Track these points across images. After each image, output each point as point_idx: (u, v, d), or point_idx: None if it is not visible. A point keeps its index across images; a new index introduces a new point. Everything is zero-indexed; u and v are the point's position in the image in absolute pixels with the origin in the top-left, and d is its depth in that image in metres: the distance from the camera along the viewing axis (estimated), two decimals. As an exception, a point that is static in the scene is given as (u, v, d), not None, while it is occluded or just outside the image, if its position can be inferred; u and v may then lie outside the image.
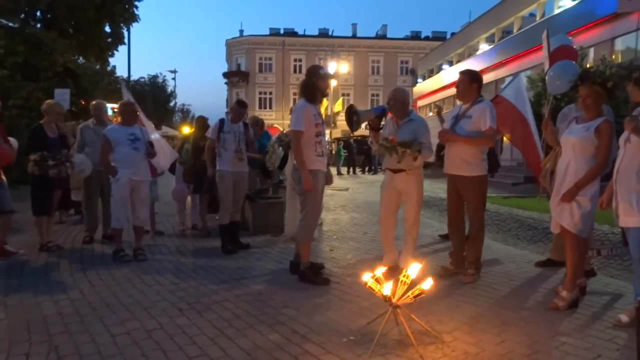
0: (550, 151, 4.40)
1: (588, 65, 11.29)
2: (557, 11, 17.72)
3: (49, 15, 15.61)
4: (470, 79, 4.40)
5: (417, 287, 2.99)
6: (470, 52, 26.29)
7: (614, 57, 13.07)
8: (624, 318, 3.27)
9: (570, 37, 5.04)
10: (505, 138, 6.16)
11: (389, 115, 4.64)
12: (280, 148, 6.73)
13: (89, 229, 6.20)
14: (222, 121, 5.75)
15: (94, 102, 6.59)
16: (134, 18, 17.97)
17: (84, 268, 4.89)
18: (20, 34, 13.47)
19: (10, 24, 13.48)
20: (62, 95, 6.57)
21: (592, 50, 13.91)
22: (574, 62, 4.56)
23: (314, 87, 4.38)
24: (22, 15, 14.66)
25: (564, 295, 3.63)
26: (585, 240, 3.68)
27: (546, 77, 4.67)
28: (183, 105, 58.22)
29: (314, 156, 4.35)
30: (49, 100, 5.97)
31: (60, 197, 5.94)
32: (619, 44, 14.17)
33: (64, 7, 15.04)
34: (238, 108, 5.91)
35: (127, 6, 17.46)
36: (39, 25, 15.36)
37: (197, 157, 6.40)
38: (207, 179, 6.04)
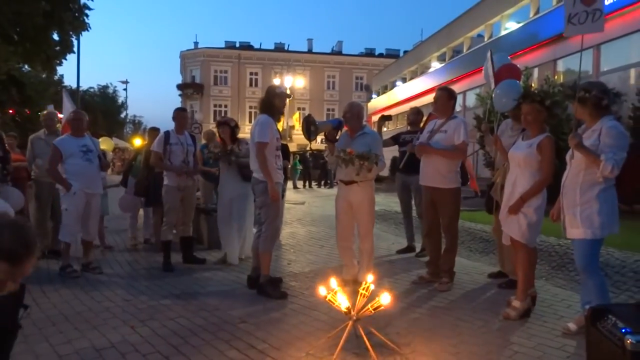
0: (499, 166, 4.58)
1: (533, 84, 11.85)
2: (503, 33, 18.59)
3: (-8, 21, 14.88)
4: (449, 95, 4.69)
5: (376, 300, 3.01)
6: (423, 70, 27.08)
7: (556, 77, 13.81)
8: (573, 326, 3.41)
9: (509, 57, 5.27)
10: None
11: (344, 128, 4.72)
12: (210, 160, 6.28)
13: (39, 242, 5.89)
14: (167, 133, 5.62)
15: (45, 112, 6.31)
16: (84, 27, 17.35)
17: (28, 284, 4.62)
18: (-41, 39, 12.78)
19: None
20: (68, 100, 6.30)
21: (536, 70, 14.65)
22: (518, 82, 4.79)
23: (272, 105, 4.52)
24: (-38, 20, 13.90)
25: (516, 305, 3.75)
26: (534, 250, 3.85)
27: (493, 95, 4.86)
28: (135, 116, 56.93)
29: (275, 169, 4.38)
30: None
31: None
32: (561, 65, 15.01)
33: (9, 13, 14.38)
34: (178, 114, 5.69)
35: (77, 14, 16.89)
36: (-20, 31, 14.61)
37: (149, 170, 6.22)
38: (153, 193, 5.90)
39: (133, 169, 6.81)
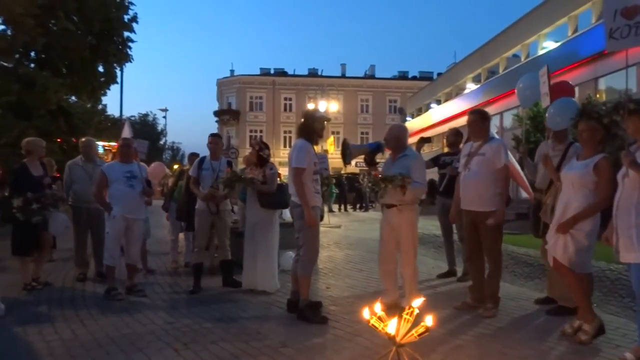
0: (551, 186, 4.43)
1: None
2: (541, 52, 18.31)
3: (43, 56, 15.76)
4: (482, 117, 4.61)
5: (421, 325, 2.94)
6: (458, 92, 26.88)
7: (598, 95, 13.43)
8: (630, 356, 3.23)
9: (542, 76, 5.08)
10: None
11: (387, 151, 4.70)
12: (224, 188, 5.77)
13: (79, 267, 6.08)
14: (202, 159, 5.74)
15: (83, 140, 6.57)
16: (127, 58, 18.17)
17: (75, 307, 4.76)
18: (14, 74, 13.56)
19: (5, 64, 13.56)
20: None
21: (577, 90, 14.31)
22: (574, 100, 4.66)
23: (311, 129, 4.54)
24: (17, 56, 14.77)
25: (586, 329, 3.60)
26: (587, 277, 3.68)
27: (546, 114, 4.74)
28: (173, 143, 58.49)
29: (312, 193, 4.39)
30: (29, 138, 5.78)
31: (51, 237, 5.79)
32: (602, 83, 14.60)
33: (59, 48, 15.21)
34: (210, 140, 5.79)
35: (120, 47, 17.70)
36: (32, 65, 15.47)
37: (190, 195, 6.35)
38: (192, 217, 5.95)
39: (175, 194, 6.97)
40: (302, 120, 4.67)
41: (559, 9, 17.55)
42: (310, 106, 36.71)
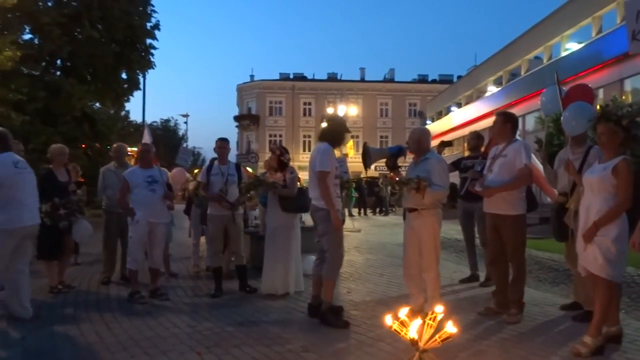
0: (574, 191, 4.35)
1: (598, 106, 11.33)
2: (564, 54, 18.01)
3: (68, 63, 16.15)
4: (504, 119, 4.61)
5: (444, 330, 2.91)
6: (479, 94, 26.60)
7: (624, 97, 13.14)
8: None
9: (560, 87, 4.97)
10: None
11: (409, 154, 4.68)
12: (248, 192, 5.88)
13: (106, 270, 6.19)
14: (211, 164, 5.77)
15: (115, 146, 6.70)
16: (150, 65, 18.52)
17: (100, 310, 4.85)
18: (41, 81, 13.93)
19: (32, 72, 13.94)
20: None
21: (601, 91, 14.03)
22: (589, 104, 4.57)
23: (341, 136, 4.65)
24: (43, 64, 15.17)
25: (587, 341, 3.47)
26: (617, 285, 3.57)
27: (562, 119, 4.67)
28: (194, 147, 59.04)
29: (334, 197, 4.41)
30: (54, 145, 5.87)
31: (73, 241, 5.88)
32: (628, 85, 14.29)
33: (84, 56, 15.57)
34: (219, 145, 5.79)
35: (143, 54, 18.04)
36: (58, 73, 15.87)
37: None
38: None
39: (197, 198, 7.03)
40: (328, 124, 4.73)
41: (583, 10, 17.25)
42: (330, 110, 36.80)
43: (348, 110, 37.38)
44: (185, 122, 70.83)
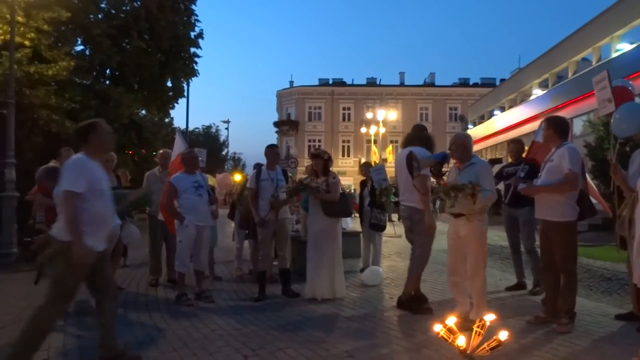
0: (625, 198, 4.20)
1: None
2: (614, 55, 17.32)
3: (117, 73, 16.79)
4: (547, 125, 4.57)
5: (494, 338, 2.85)
6: (523, 98, 25.89)
7: (680, 100, 12.52)
8: None
9: (629, 81, 4.86)
10: None
11: (453, 161, 4.62)
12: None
13: (153, 273, 6.38)
14: (259, 170, 5.86)
15: (161, 151, 6.91)
16: (194, 73, 18.98)
17: (149, 311, 5.00)
18: (92, 90, 14.53)
19: (84, 82, 14.57)
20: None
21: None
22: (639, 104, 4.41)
23: (426, 138, 5.12)
24: (94, 73, 15.83)
25: None
26: None
27: (612, 120, 4.51)
28: (234, 153, 60.06)
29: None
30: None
31: (122, 244, 6.06)
32: (685, 86, 13.61)
33: (132, 65, 16.15)
34: (268, 150, 5.93)
35: (187, 62, 18.53)
36: (107, 82, 16.52)
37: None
38: (253, 225, 6.07)
39: (241, 203, 7.16)
40: (427, 133, 5.21)
41: (634, 9, 16.56)
42: (369, 115, 36.64)
43: (387, 115, 37.24)
44: (227, 128, 72.10)
